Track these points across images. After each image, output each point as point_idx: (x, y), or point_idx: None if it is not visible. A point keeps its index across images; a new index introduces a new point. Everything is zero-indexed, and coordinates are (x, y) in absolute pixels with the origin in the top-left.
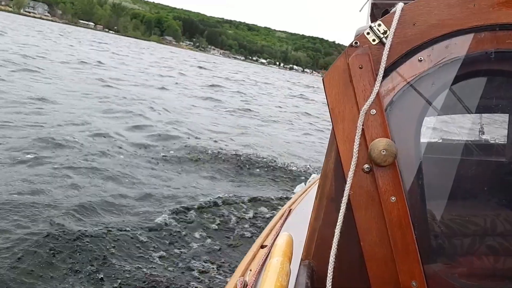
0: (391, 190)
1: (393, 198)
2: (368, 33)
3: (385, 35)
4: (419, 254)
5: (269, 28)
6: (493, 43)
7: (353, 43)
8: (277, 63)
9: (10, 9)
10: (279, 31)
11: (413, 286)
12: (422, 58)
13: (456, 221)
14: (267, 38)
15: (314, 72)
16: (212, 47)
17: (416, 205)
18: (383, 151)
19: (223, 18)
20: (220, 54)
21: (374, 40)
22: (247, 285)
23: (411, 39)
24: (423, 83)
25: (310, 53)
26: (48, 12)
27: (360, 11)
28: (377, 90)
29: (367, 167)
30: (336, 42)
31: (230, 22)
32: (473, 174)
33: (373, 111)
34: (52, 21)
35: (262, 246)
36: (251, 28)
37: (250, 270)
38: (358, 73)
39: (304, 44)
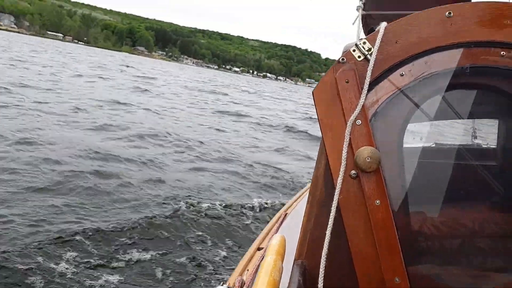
0: (375, 194)
1: (377, 202)
2: (354, 50)
3: (370, 52)
4: (401, 253)
5: (242, 37)
6: (469, 59)
7: (340, 59)
8: (251, 71)
9: None
10: (252, 39)
11: (396, 282)
12: (403, 73)
13: (441, 222)
14: (240, 47)
15: (287, 79)
16: (185, 56)
17: (399, 207)
18: (368, 158)
19: (196, 28)
20: (193, 63)
21: (359, 57)
22: (244, 284)
23: (393, 56)
24: (405, 95)
25: (283, 61)
26: (15, 24)
27: (353, 24)
28: (362, 103)
29: (353, 173)
30: (309, 50)
31: (203, 31)
32: (460, 177)
33: (359, 122)
34: (19, 32)
35: (259, 248)
36: (224, 37)
37: (248, 270)
38: (345, 87)
39: (277, 52)
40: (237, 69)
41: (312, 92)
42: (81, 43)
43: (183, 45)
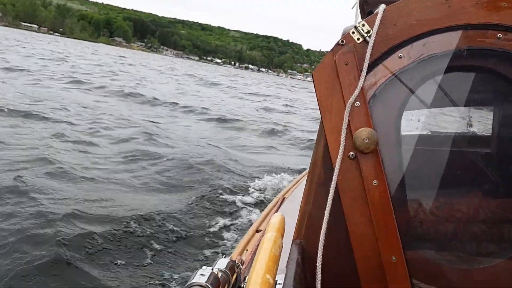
0: (373, 175)
1: (375, 182)
2: (353, 32)
3: (369, 34)
4: (398, 232)
5: (223, 28)
6: (466, 41)
7: (340, 41)
8: (233, 62)
9: None
10: (233, 30)
11: (393, 260)
12: (401, 55)
13: (437, 207)
14: (221, 38)
15: (269, 71)
16: (165, 47)
17: (396, 188)
18: (366, 139)
19: (175, 18)
20: (173, 54)
21: (358, 39)
22: (243, 263)
23: (392, 38)
24: (403, 77)
25: (264, 52)
26: None
27: (352, 8)
28: (361, 85)
29: (352, 154)
30: (290, 41)
31: (182, 22)
32: (455, 164)
33: (358, 103)
34: None
35: (258, 231)
36: (204, 28)
37: (247, 250)
38: (344, 69)
39: (259, 43)
40: (218, 61)
41: (312, 74)
42: (56, 34)
43: (162, 35)
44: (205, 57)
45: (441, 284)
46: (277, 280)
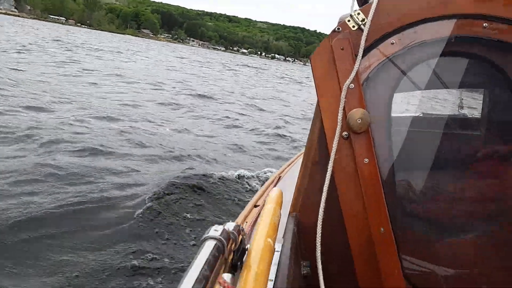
0: (364, 153)
1: (366, 160)
2: (348, 20)
3: (363, 22)
4: (386, 206)
5: (249, 19)
6: (454, 30)
7: (336, 28)
8: (259, 52)
9: None
10: (260, 21)
11: (381, 231)
12: (394, 42)
13: (424, 182)
14: (248, 29)
15: (296, 60)
16: (191, 39)
17: (385, 166)
18: (359, 120)
19: (203, 11)
20: (199, 45)
21: (354, 27)
22: (246, 236)
23: (385, 26)
24: (394, 62)
25: (291, 42)
26: (15, 8)
27: None
28: (356, 69)
29: (345, 134)
30: (318, 31)
31: (210, 14)
32: (444, 145)
33: (352, 86)
34: (19, 16)
35: (256, 206)
36: (231, 19)
37: (246, 222)
38: (340, 54)
39: (286, 34)
40: (244, 51)
41: (309, 58)
42: (84, 26)
43: (189, 27)
44: (231, 48)
45: (426, 254)
46: (275, 248)
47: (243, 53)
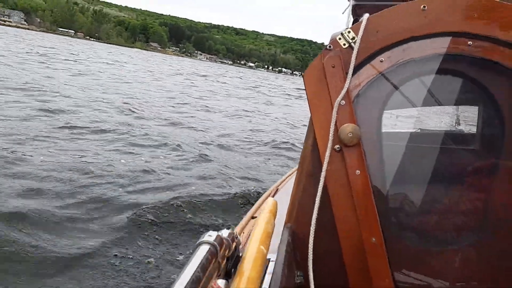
0: (356, 165)
1: (357, 172)
2: (340, 38)
3: (354, 41)
4: (378, 216)
5: (257, 32)
6: (441, 48)
7: (328, 46)
8: (266, 66)
9: None
10: (267, 34)
11: (373, 241)
12: (383, 59)
13: (414, 194)
14: (255, 42)
15: (302, 74)
16: (199, 52)
17: (376, 177)
18: (350, 134)
19: (210, 23)
20: (207, 59)
21: (344, 44)
22: (240, 243)
23: (374, 44)
24: (384, 79)
25: (298, 56)
26: (25, 21)
27: (342, 13)
28: (347, 86)
29: (337, 147)
30: (325, 44)
31: (217, 27)
32: (438, 159)
33: (343, 102)
34: (29, 29)
35: (253, 217)
36: (238, 32)
37: (243, 232)
38: (331, 71)
39: (293, 47)
40: (251, 64)
41: (302, 75)
42: (92, 39)
43: (197, 40)
44: (238, 61)
45: (418, 265)
46: (270, 258)
47: (250, 67)
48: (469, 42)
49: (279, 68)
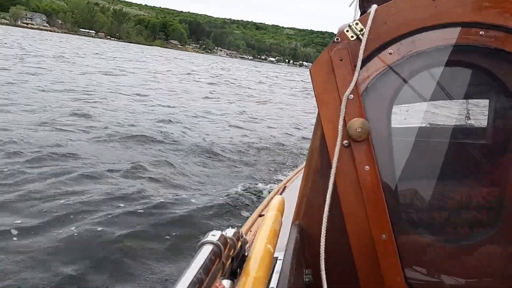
0: (365, 161)
1: (367, 167)
2: (347, 31)
3: (362, 32)
4: (388, 212)
5: (277, 26)
6: (451, 39)
7: (335, 39)
8: (287, 60)
9: (6, 21)
10: (287, 28)
11: (383, 238)
12: (392, 52)
13: (425, 189)
14: (276, 36)
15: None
16: (219, 48)
17: (386, 172)
18: (358, 129)
19: (230, 19)
20: (227, 55)
21: (352, 37)
22: (247, 243)
23: (383, 36)
24: (393, 72)
25: (319, 48)
26: (47, 23)
27: (349, 6)
28: (356, 79)
29: (346, 143)
30: None
31: (237, 22)
32: (449, 154)
33: (351, 96)
34: (51, 31)
35: (261, 215)
36: (258, 27)
37: (250, 231)
38: (339, 65)
39: (313, 40)
40: (272, 59)
41: (310, 69)
42: (113, 39)
43: (216, 36)
44: (259, 56)
45: (429, 261)
46: (277, 257)
47: (271, 62)
48: (480, 32)
49: (300, 62)
